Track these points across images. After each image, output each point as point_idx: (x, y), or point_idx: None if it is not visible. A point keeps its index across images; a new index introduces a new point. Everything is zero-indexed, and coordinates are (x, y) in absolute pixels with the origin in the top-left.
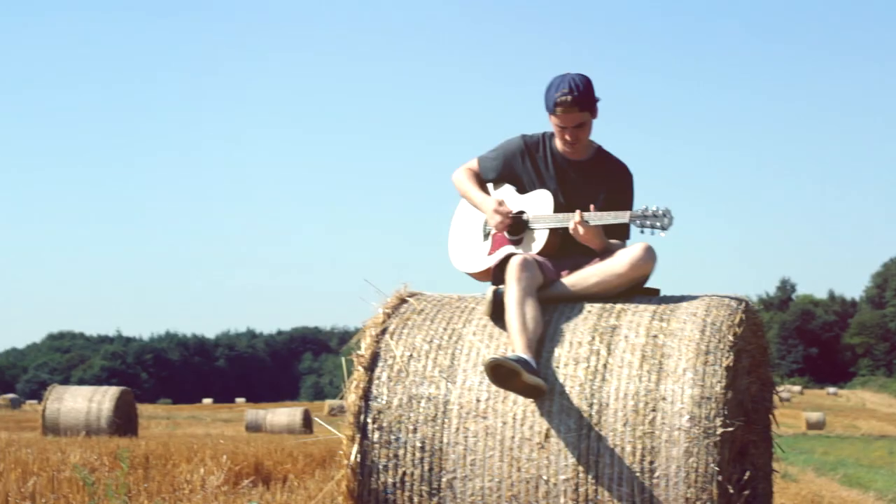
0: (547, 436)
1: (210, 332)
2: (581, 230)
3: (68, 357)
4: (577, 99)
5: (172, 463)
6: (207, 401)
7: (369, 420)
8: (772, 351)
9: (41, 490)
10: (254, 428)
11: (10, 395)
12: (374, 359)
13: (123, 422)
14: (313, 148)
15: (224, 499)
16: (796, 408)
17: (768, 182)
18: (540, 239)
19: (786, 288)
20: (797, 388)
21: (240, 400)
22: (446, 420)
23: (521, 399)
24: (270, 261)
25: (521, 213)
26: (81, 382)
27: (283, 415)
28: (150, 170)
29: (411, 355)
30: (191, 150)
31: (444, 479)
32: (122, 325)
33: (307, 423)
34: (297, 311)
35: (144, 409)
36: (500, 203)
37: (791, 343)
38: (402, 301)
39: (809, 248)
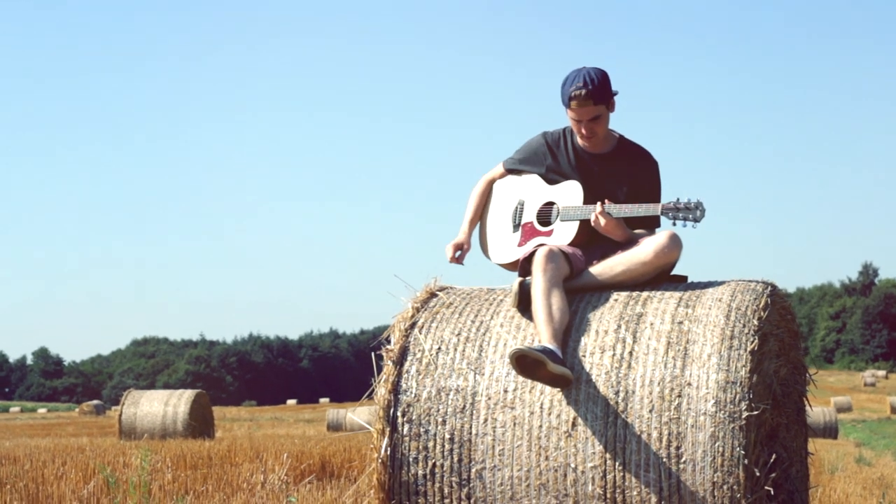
0: (574, 424)
1: (293, 334)
2: (602, 221)
3: (153, 362)
4: (592, 92)
5: (235, 462)
6: (292, 402)
7: (399, 413)
8: (854, 336)
9: (97, 492)
10: (335, 427)
11: (95, 402)
12: (403, 353)
13: (199, 424)
14: (373, 146)
15: (271, 496)
16: (881, 392)
17: (849, 166)
18: (570, 230)
19: (868, 273)
20: (882, 372)
21: (324, 400)
22: (475, 411)
23: (547, 388)
24: (352, 260)
25: (551, 204)
26: (167, 387)
27: (364, 413)
28: (229, 176)
29: (440, 348)
30: (266, 156)
31: (473, 470)
32: (206, 328)
33: None
34: (380, 311)
35: (228, 412)
36: (456, 249)
37: (875, 328)
38: (432, 295)
39: (891, 231)
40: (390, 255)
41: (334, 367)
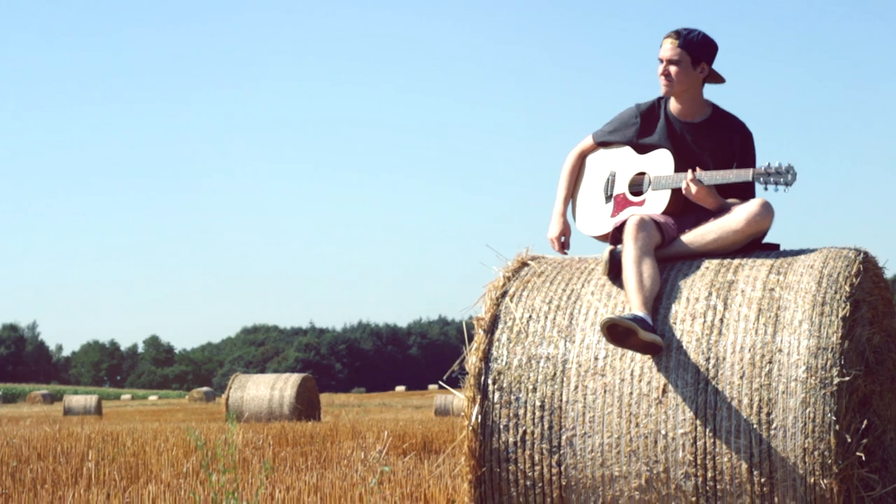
0: (664, 391)
1: (402, 321)
2: (693, 189)
3: (263, 350)
4: (682, 35)
5: (337, 440)
6: (400, 388)
7: (490, 381)
8: None
9: (196, 467)
10: (442, 412)
11: (205, 389)
12: (494, 321)
13: (305, 407)
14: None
15: (367, 469)
16: None
17: None
18: (662, 199)
19: None
20: None
21: (432, 387)
22: (565, 379)
23: (638, 356)
24: (460, 244)
25: (643, 173)
26: None
27: None
28: (336, 164)
29: (530, 316)
30: (369, 143)
31: (563, 437)
32: (315, 316)
33: None
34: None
35: (337, 399)
36: (560, 233)
37: None
38: (524, 264)
39: None
40: (491, 236)
41: (443, 354)
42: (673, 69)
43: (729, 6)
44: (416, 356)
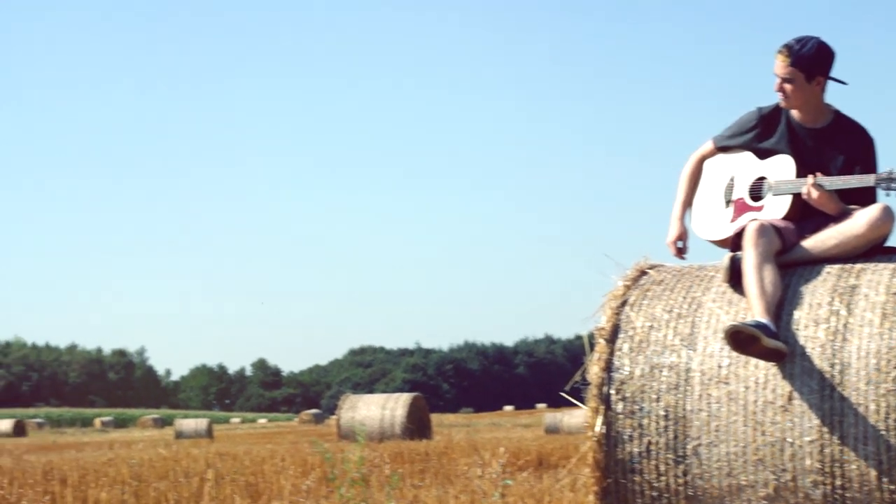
0: (790, 398)
1: (508, 340)
2: (815, 194)
3: (370, 371)
4: (794, 51)
5: (452, 458)
6: (508, 408)
7: (612, 391)
8: None
9: (316, 486)
10: (552, 431)
11: (314, 411)
12: (615, 331)
13: (417, 427)
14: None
15: (487, 485)
16: None
17: None
18: (782, 204)
19: None
20: None
21: (540, 406)
22: (688, 387)
23: (762, 363)
24: (566, 262)
25: (763, 178)
26: None
27: (580, 416)
28: (448, 180)
29: (651, 325)
30: (474, 155)
31: (689, 447)
32: (422, 337)
33: None
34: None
35: (446, 419)
36: (678, 237)
37: None
38: (642, 273)
39: None
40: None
41: (550, 373)
42: (787, 87)
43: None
44: (523, 375)
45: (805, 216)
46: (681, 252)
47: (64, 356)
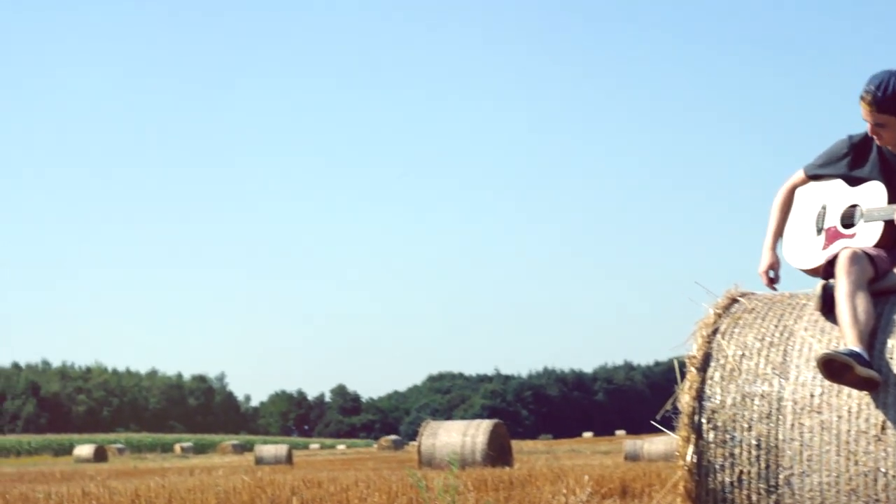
0: (883, 428)
1: (588, 366)
2: None
3: (449, 398)
4: (878, 99)
5: (536, 486)
6: (587, 435)
7: (704, 420)
8: None
9: None
10: (632, 458)
11: (393, 437)
12: (706, 359)
13: (497, 454)
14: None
15: None
16: None
17: None
18: (874, 231)
19: None
20: None
21: (619, 432)
22: (781, 417)
23: (855, 392)
24: (644, 287)
25: (854, 206)
26: None
27: (661, 443)
28: (516, 211)
29: (743, 354)
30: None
31: (781, 476)
32: (500, 363)
33: None
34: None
35: (525, 445)
36: (770, 266)
37: None
38: (733, 301)
39: None
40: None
41: (629, 399)
42: (880, 131)
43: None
44: (601, 402)
45: None
46: (773, 282)
47: (144, 382)
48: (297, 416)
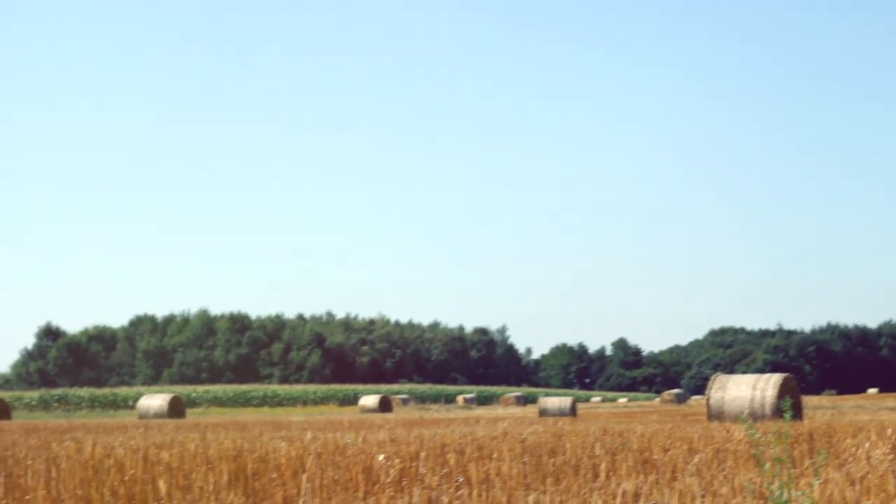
0: None
1: (872, 322)
2: None
3: (731, 352)
4: None
5: (837, 438)
6: (872, 391)
7: None
8: None
9: (707, 463)
10: None
11: (676, 391)
12: None
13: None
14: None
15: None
16: None
17: None
18: None
19: None
20: None
21: None
22: None
23: None
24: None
25: None
26: None
27: None
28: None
29: None
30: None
31: None
32: (783, 317)
33: None
34: None
35: (809, 401)
36: None
37: None
38: None
39: None
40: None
41: None
42: None
43: None
44: (887, 358)
45: None
46: None
47: (427, 334)
48: (579, 369)
